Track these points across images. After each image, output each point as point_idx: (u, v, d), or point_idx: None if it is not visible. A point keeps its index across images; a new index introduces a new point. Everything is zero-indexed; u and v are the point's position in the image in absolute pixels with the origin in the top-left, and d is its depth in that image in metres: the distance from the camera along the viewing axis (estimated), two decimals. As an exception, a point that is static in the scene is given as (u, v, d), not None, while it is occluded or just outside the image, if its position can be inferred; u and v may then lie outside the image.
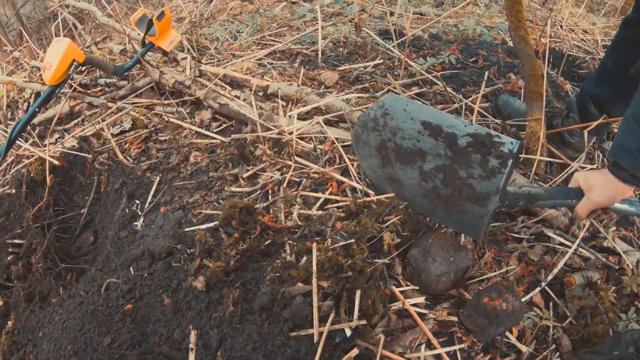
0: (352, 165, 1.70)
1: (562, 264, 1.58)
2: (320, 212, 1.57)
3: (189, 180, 1.97)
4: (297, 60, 2.43)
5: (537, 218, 1.69)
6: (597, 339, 1.56)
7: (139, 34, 2.63)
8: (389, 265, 1.46)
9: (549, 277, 1.55)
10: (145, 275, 1.64)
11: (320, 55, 2.38)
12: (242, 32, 2.85)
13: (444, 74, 2.26)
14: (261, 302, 1.35)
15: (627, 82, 1.66)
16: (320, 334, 1.24)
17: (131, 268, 1.70)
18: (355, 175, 1.66)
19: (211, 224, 1.67)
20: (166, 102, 2.25)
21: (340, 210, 1.55)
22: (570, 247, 1.63)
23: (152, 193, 2.03)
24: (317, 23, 2.45)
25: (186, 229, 1.71)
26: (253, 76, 2.26)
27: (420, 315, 1.36)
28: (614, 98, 1.80)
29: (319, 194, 1.64)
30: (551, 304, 1.54)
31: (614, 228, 1.88)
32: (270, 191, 1.73)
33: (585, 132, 1.90)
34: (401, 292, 1.40)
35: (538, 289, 1.52)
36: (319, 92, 1.99)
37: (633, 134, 1.23)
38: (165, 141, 2.21)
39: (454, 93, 2.09)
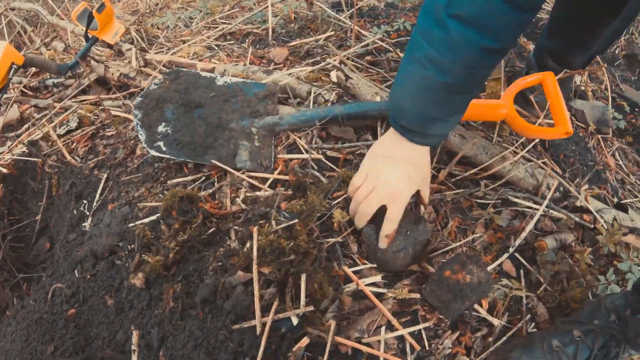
0: (300, 140, 1.55)
1: (530, 227, 1.44)
2: (267, 193, 1.42)
3: (136, 174, 1.82)
4: (248, 40, 2.27)
5: (501, 181, 1.55)
6: (576, 304, 1.43)
7: (82, 30, 2.45)
8: (344, 244, 1.32)
9: (518, 243, 1.41)
10: (89, 277, 1.50)
11: (270, 33, 2.23)
12: (195, 17, 2.68)
13: (400, 41, 2.10)
14: (202, 295, 1.21)
15: (577, 30, 1.54)
16: (264, 325, 1.09)
17: (76, 271, 1.56)
18: (306, 150, 1.51)
19: (154, 217, 1.51)
20: (110, 96, 2.09)
21: (289, 189, 1.40)
22: (539, 209, 1.49)
23: (99, 191, 1.87)
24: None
25: (130, 225, 1.56)
26: (200, 60, 2.10)
27: (378, 295, 1.22)
28: (569, 47, 1.67)
29: (267, 175, 1.49)
30: (522, 271, 1.41)
31: (587, 186, 1.75)
32: (216, 177, 1.57)
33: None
34: (357, 272, 1.26)
35: (506, 255, 1.39)
36: (267, 69, 1.83)
37: (420, 98, 1.10)
38: (112, 136, 2.05)
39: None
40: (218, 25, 2.50)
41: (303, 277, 1.12)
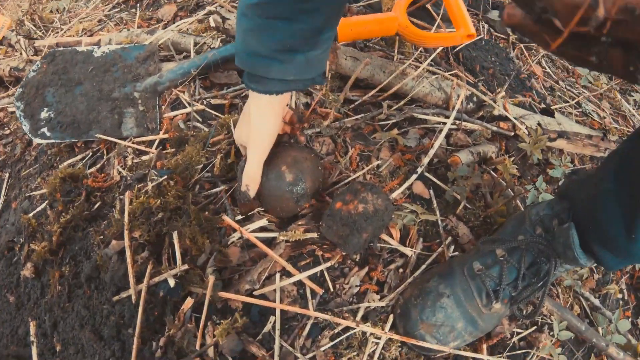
0: (184, 94, 1.40)
1: (439, 142, 1.31)
2: (152, 155, 1.28)
3: (34, 166, 1.67)
4: (142, 6, 2.08)
5: (405, 100, 1.42)
6: (503, 218, 1.32)
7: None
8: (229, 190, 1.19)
9: (426, 161, 1.29)
10: None
11: (163, -6, 2.04)
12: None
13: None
14: (86, 273, 1.08)
15: None
16: (139, 292, 0.97)
17: None
18: (188, 103, 1.37)
19: (44, 204, 1.38)
20: (8, 94, 1.92)
21: (169, 149, 1.26)
22: (446, 123, 1.37)
23: (3, 192, 1.71)
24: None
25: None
26: (91, 35, 1.91)
27: (269, 241, 1.10)
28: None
29: (153, 137, 1.34)
30: (432, 191, 1.29)
31: (503, 94, 1.62)
32: (105, 150, 1.43)
33: None
34: (248, 219, 1.13)
35: (414, 177, 1.27)
36: (150, 29, 1.66)
37: (240, 29, 0.89)
38: (10, 134, 1.88)
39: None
40: (114, -2, 2.30)
41: (175, 234, 0.99)
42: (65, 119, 1.48)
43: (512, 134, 1.52)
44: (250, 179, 1.03)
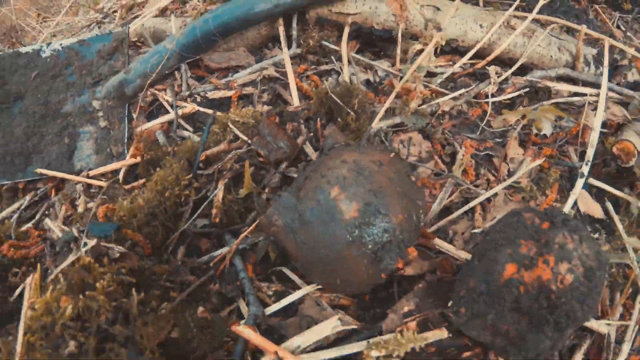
0: (165, 93, 0.79)
1: (598, 125, 0.68)
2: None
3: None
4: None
5: (515, 66, 0.80)
6: None
7: None
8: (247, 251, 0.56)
9: (590, 154, 0.66)
10: None
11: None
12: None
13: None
14: None
15: None
16: None
17: None
18: (171, 105, 0.75)
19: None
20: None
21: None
22: (600, 93, 0.74)
23: None
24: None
25: None
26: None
27: None
28: None
29: (116, 164, 0.73)
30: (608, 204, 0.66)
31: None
32: (52, 192, 0.83)
33: None
34: (284, 310, 0.50)
35: (579, 185, 0.63)
36: (125, 22, 1.07)
37: None
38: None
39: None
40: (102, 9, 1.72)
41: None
42: (-5, 151, 0.90)
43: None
44: None
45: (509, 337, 0.42)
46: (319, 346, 0.43)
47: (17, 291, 0.66)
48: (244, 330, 0.41)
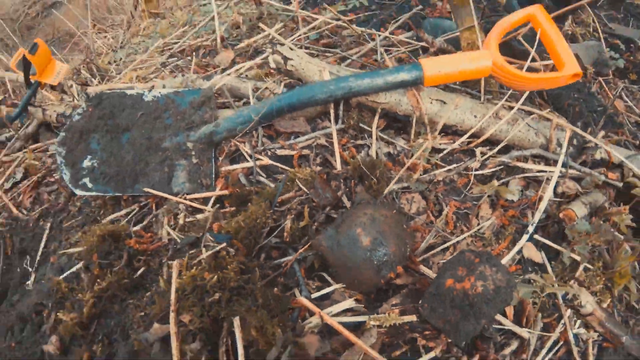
0: (245, 145, 1.12)
1: (549, 194, 0.99)
2: (208, 214, 0.99)
3: (77, 217, 1.41)
4: (199, 55, 1.87)
5: (500, 145, 1.11)
6: (624, 279, 0.99)
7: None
8: (302, 260, 0.88)
9: (537, 217, 0.96)
10: (13, 345, 1.11)
11: (219, 41, 1.82)
12: (150, 46, 2.30)
13: (358, 19, 1.68)
14: (121, 359, 0.78)
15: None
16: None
17: (6, 338, 1.17)
18: (250, 156, 1.08)
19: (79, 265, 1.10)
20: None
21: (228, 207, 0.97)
22: (554, 170, 1.04)
23: (43, 244, 1.46)
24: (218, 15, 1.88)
25: (60, 277, 1.16)
26: (144, 82, 1.70)
27: (356, 327, 0.78)
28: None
29: (207, 193, 1.06)
30: (543, 253, 0.95)
31: (603, 133, 1.29)
32: (153, 206, 1.16)
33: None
34: (325, 296, 0.82)
35: (526, 237, 0.93)
36: (207, 75, 1.42)
37: None
38: (55, 181, 1.65)
39: (366, 31, 1.52)
40: (168, 46, 2.11)
41: (236, 321, 0.68)
42: (110, 170, 1.22)
43: (621, 183, 1.18)
44: None
45: (451, 323, 0.73)
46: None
47: (139, 272, 0.99)
48: (303, 299, 0.73)
